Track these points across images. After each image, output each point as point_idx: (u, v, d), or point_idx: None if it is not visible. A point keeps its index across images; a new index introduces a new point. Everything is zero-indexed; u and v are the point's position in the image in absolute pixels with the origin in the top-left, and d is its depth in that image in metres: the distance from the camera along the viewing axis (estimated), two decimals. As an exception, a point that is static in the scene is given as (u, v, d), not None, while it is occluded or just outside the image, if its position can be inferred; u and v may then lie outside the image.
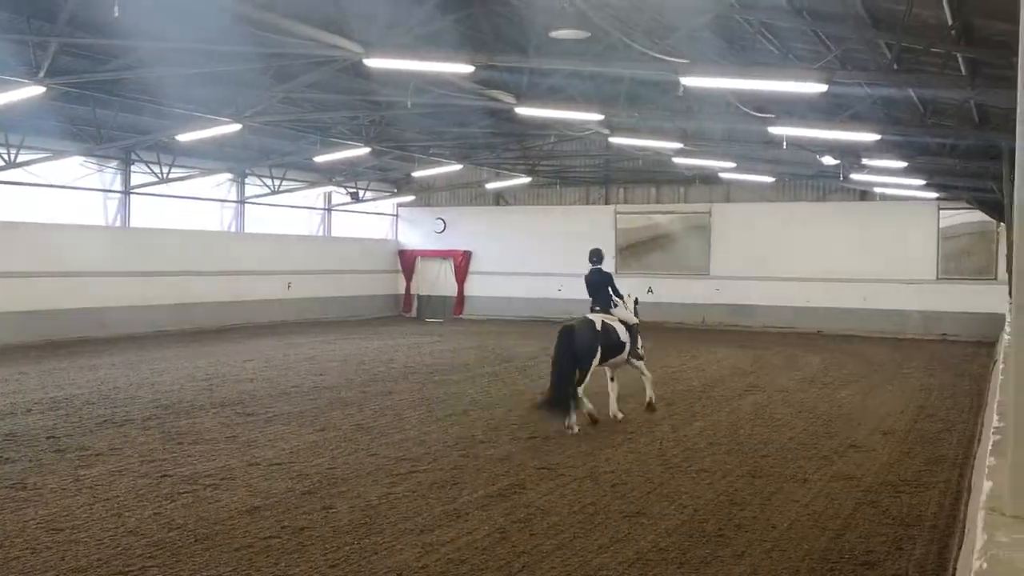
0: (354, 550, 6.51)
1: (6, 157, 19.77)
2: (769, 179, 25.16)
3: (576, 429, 10.85)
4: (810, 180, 26.06)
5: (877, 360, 19.48)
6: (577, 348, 11.16)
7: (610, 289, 12.32)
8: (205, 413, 11.74)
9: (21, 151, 19.89)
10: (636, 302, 13.07)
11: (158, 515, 7.26)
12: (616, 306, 12.31)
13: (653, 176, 28.24)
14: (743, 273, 27.39)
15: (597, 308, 12.23)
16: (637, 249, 29.53)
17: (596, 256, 12.76)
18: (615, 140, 20.06)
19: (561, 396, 11.04)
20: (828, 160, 18.65)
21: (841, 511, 7.75)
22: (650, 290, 28.88)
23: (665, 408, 12.79)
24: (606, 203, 30.08)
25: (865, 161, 18.34)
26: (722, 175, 24.94)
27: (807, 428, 11.52)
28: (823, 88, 10.15)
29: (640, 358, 12.37)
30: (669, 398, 13.73)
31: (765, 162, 22.88)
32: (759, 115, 14.52)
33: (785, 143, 15.99)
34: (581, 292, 12.60)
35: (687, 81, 10.88)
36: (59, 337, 20.34)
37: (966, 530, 6.07)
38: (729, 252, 27.83)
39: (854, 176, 20.98)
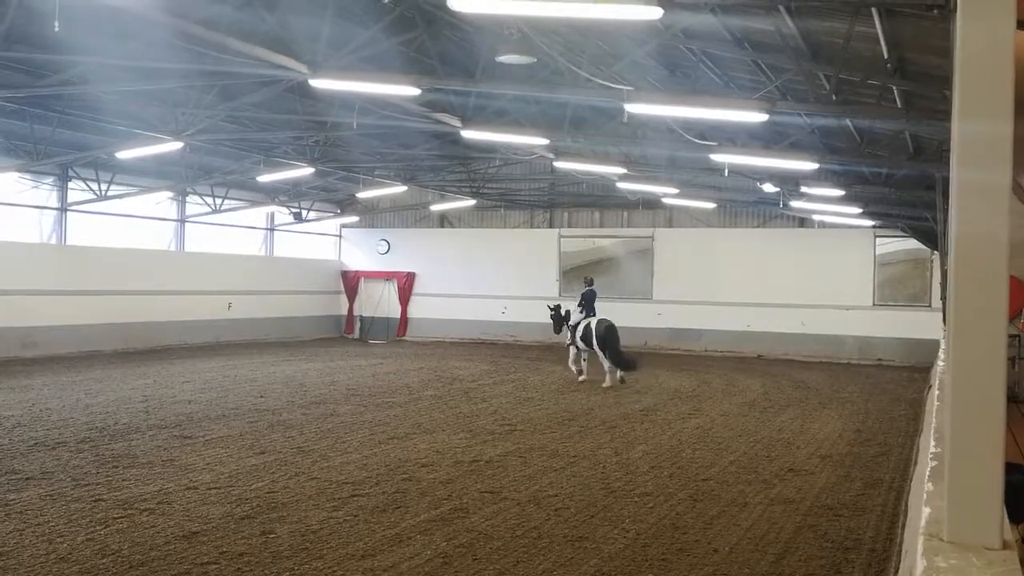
0: (294, 575, 6.39)
1: (-65, 171, 19.17)
2: (711, 205, 25.62)
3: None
4: (751, 207, 26.59)
5: (815, 384, 19.86)
6: (617, 334, 17.83)
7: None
8: (141, 436, 11.44)
9: (-49, 165, 19.31)
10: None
11: (91, 540, 7.03)
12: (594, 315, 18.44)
13: (597, 200, 28.55)
14: (685, 297, 27.75)
15: (593, 315, 18.35)
16: (580, 272, 29.72)
17: (591, 280, 19.70)
18: (560, 164, 20.26)
19: (626, 361, 17.99)
20: (768, 187, 19.09)
21: (781, 535, 7.85)
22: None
23: (607, 432, 12.85)
24: (550, 226, 30.28)
25: (804, 189, 18.82)
26: (665, 200, 25.31)
27: (748, 451, 11.68)
28: (764, 117, 10.40)
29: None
30: (611, 421, 13.80)
31: (707, 188, 23.31)
32: (701, 142, 14.82)
33: (727, 170, 16.32)
34: (525, 314, 13.08)
35: (631, 108, 11.07)
36: (-13, 357, 19.68)
37: (903, 554, 6.21)
38: (671, 277, 28.19)
39: (793, 203, 21.48)
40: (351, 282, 31.93)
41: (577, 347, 18.50)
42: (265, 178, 23.71)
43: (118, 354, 22.17)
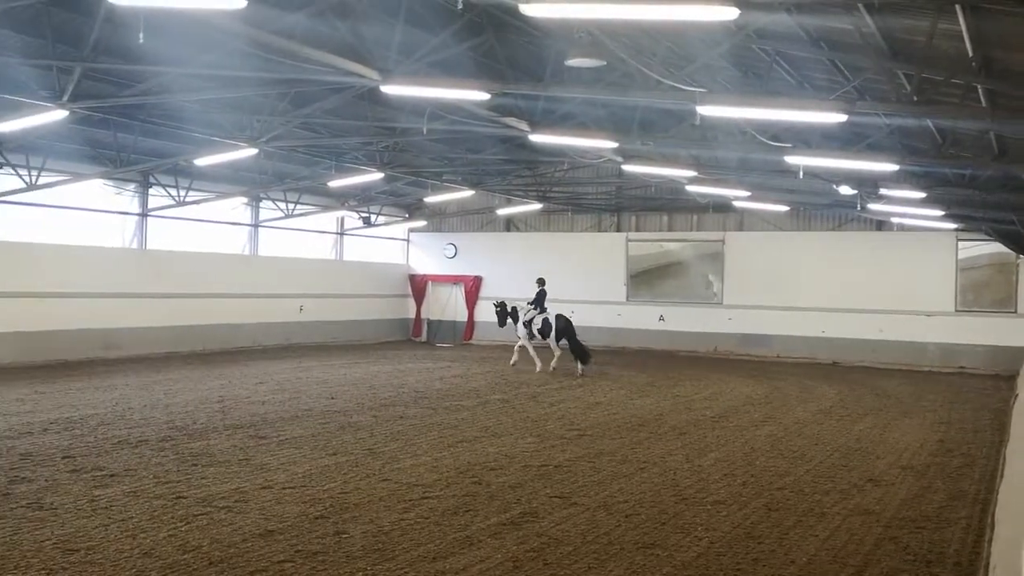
0: (368, 577, 6.47)
1: (27, 179, 19.95)
2: (784, 208, 25.14)
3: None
4: (826, 210, 26.01)
5: (894, 392, 19.32)
6: (573, 328, 20.84)
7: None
8: (218, 435, 11.72)
9: (42, 173, 20.07)
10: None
11: (173, 537, 7.23)
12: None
13: (665, 204, 28.25)
14: (756, 302, 27.28)
15: (546, 310, 21.44)
16: (648, 276, 29.50)
17: (543, 281, 22.29)
18: (628, 168, 20.12)
19: (584, 351, 20.72)
20: (845, 190, 18.62)
21: (861, 547, 7.64)
22: (661, 318, 28.86)
23: (677, 438, 12.70)
24: (618, 230, 30.09)
25: (883, 191, 18.30)
26: (736, 204, 24.93)
27: (824, 460, 11.40)
28: (842, 118, 10.16)
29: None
30: (681, 428, 13.63)
31: (780, 191, 22.88)
32: (775, 144, 14.55)
33: (801, 172, 15.97)
34: (592, 319, 13.05)
35: (704, 110, 10.91)
36: (73, 357, 20.41)
37: (991, 568, 5.98)
38: (742, 281, 27.74)
39: (871, 206, 20.93)
40: (419, 286, 32.22)
41: (531, 336, 21.44)
42: (336, 183, 24.11)
43: (194, 355, 22.77)
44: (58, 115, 14.60)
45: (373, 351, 26.39)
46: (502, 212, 30.06)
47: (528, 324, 21.45)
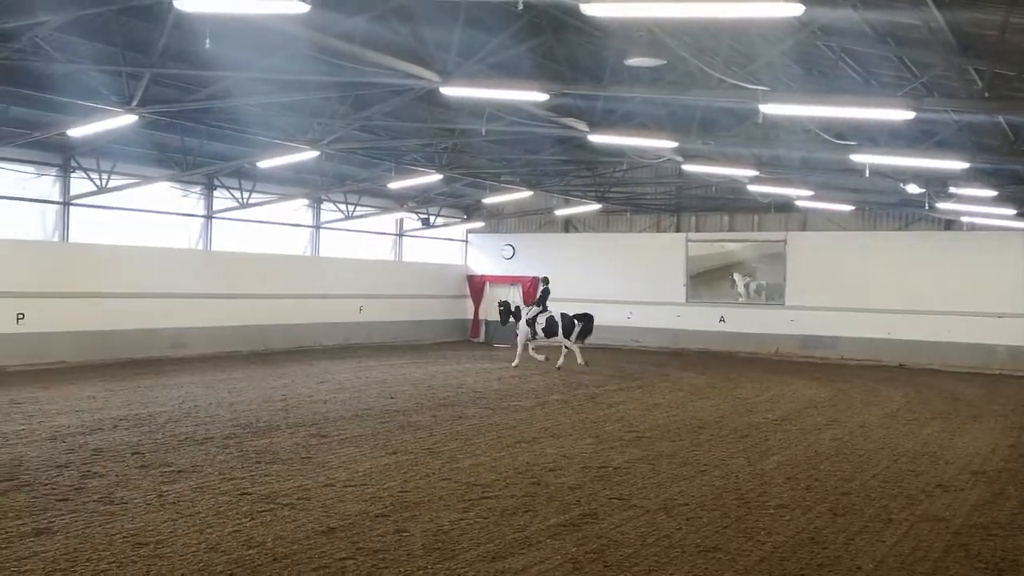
0: (428, 574, 6.50)
1: (98, 182, 20.58)
2: (848, 207, 24.64)
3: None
4: (893, 209, 25.43)
5: (964, 396, 18.78)
6: (566, 323, 21.29)
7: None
8: (281, 433, 11.92)
9: (112, 177, 20.69)
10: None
11: (238, 532, 7.37)
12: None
13: (726, 203, 27.89)
14: (820, 303, 26.77)
15: (547, 309, 21.78)
16: (708, 277, 29.17)
17: (547, 280, 22.86)
18: (688, 168, 19.92)
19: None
20: (912, 188, 18.18)
21: (930, 554, 7.44)
22: (722, 319, 28.52)
23: (738, 441, 12.53)
24: (677, 230, 29.83)
25: (952, 190, 17.82)
26: (799, 203, 24.51)
27: (891, 465, 11.13)
28: (910, 115, 9.92)
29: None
30: (743, 430, 13.44)
31: (844, 190, 22.43)
32: (840, 142, 14.26)
33: (867, 171, 15.63)
34: (651, 319, 12.93)
35: (767, 109, 10.76)
36: (141, 356, 20.97)
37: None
38: (805, 282, 27.26)
39: (940, 205, 20.39)
40: (477, 287, 32.35)
41: (534, 335, 21.83)
42: (395, 185, 24.37)
43: (257, 355, 23.19)
44: (127, 120, 15.05)
45: (431, 351, 26.58)
46: (560, 213, 30.02)
47: (531, 323, 21.74)
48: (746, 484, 9.80)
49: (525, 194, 26.81)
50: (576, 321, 21.53)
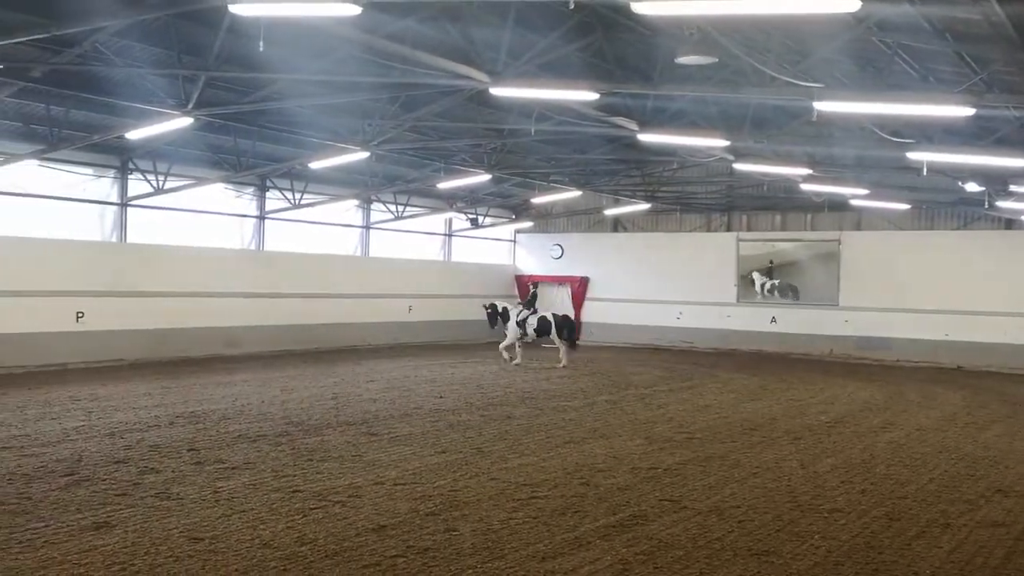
0: (477, 574, 6.52)
1: (154, 184, 21.03)
2: (904, 206, 24.14)
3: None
4: (950, 208, 24.85)
5: None
6: (558, 323, 21.78)
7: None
8: (332, 431, 12.05)
9: (168, 178, 21.12)
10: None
11: (291, 529, 7.47)
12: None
13: (778, 203, 27.49)
14: (875, 304, 26.27)
15: (537, 311, 22.17)
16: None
17: (536, 284, 25.13)
18: (740, 166, 19.69)
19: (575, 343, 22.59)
20: (971, 187, 17.74)
21: (990, 560, 7.25)
22: (773, 319, 28.14)
23: (791, 443, 12.35)
24: (728, 230, 29.51)
25: (1013, 188, 17.35)
26: (853, 202, 24.07)
27: (949, 469, 10.88)
28: (970, 112, 9.68)
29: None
30: (796, 432, 13.25)
31: (900, 189, 21.97)
32: (896, 140, 13.98)
33: (924, 169, 15.29)
34: (701, 320, 12.81)
35: (821, 106, 10.59)
36: (196, 354, 21.38)
37: None
38: (860, 282, 26.76)
39: (1000, 204, 19.86)
40: (525, 287, 32.32)
41: (523, 336, 21.99)
42: (444, 185, 24.48)
43: (308, 353, 23.48)
44: (183, 122, 15.34)
45: (480, 351, 26.61)
46: (609, 212, 29.89)
47: (521, 324, 21.89)
48: (799, 487, 9.66)
49: (574, 194, 26.75)
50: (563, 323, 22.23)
